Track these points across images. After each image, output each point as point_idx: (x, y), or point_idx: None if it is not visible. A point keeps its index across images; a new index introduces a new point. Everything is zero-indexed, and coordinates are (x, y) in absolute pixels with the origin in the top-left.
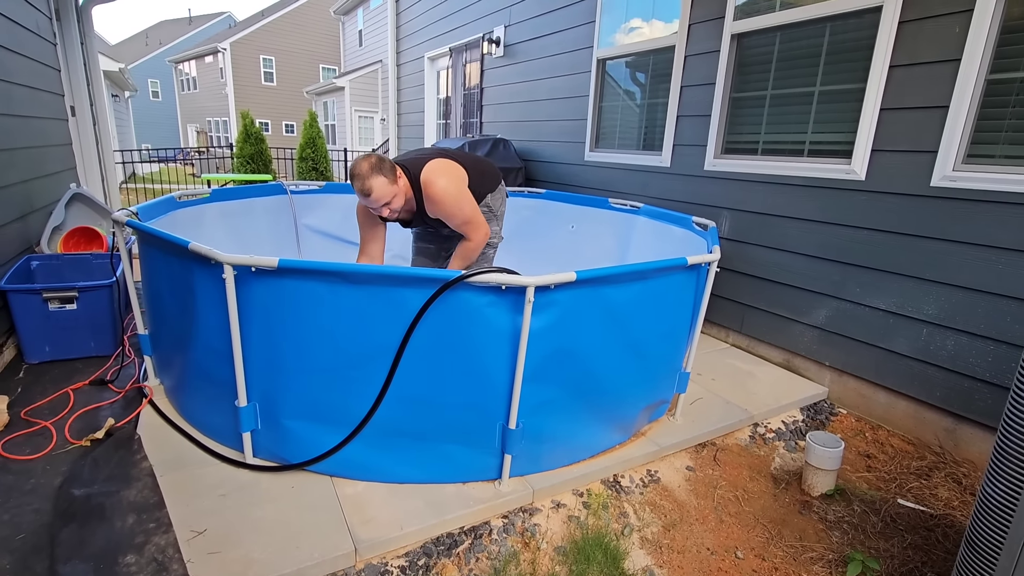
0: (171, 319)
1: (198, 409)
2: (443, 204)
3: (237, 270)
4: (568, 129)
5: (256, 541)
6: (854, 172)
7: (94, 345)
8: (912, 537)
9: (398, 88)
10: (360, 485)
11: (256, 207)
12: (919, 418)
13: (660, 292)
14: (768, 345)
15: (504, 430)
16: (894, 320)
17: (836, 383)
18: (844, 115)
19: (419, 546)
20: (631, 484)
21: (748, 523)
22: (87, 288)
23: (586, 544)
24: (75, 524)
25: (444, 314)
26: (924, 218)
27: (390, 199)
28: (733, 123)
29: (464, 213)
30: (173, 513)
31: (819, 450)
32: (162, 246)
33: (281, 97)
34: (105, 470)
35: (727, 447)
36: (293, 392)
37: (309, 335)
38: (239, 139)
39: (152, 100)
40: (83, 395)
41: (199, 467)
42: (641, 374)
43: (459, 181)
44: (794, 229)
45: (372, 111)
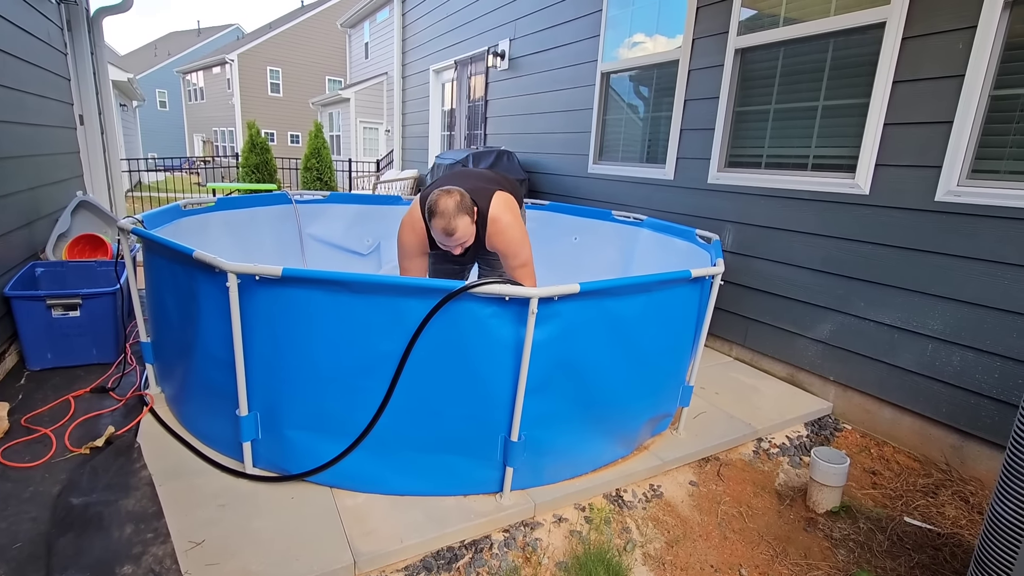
0: (174, 327)
1: (199, 418)
2: (510, 244)
3: (241, 279)
4: (572, 141)
5: (254, 553)
6: (858, 186)
7: (96, 352)
8: (919, 556)
9: (403, 100)
10: (360, 497)
11: (260, 216)
12: (925, 434)
13: (664, 305)
14: (772, 359)
15: (506, 442)
16: (899, 335)
17: (841, 398)
18: (848, 130)
19: (419, 560)
20: (634, 499)
21: (752, 540)
22: (91, 295)
23: (588, 560)
24: (72, 533)
25: (447, 325)
26: (929, 233)
27: (469, 239)
28: (737, 137)
29: (523, 256)
30: (172, 523)
31: (824, 466)
32: (166, 254)
33: (287, 108)
34: (104, 479)
35: (731, 462)
36: (294, 402)
37: (312, 345)
38: (245, 149)
39: (159, 110)
40: (84, 402)
41: (199, 476)
42: (644, 387)
43: (520, 220)
44: (798, 243)
45: (377, 122)
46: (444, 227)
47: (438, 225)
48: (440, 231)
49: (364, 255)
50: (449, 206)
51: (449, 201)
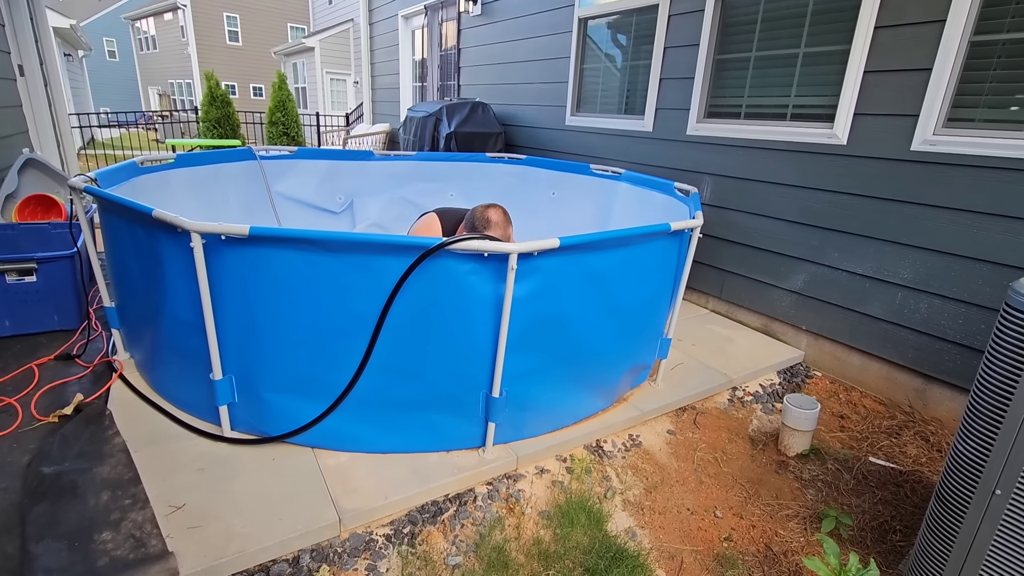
0: (138, 291)
1: (172, 383)
2: None
3: (206, 238)
4: (549, 92)
5: (237, 514)
6: (836, 136)
7: (58, 319)
8: (882, 493)
9: (371, 49)
10: (343, 456)
11: (225, 173)
12: (891, 379)
13: (643, 258)
14: (747, 310)
15: (488, 398)
16: (870, 284)
17: (812, 346)
18: (828, 78)
19: (404, 514)
20: (613, 449)
21: (727, 483)
22: (47, 259)
23: (570, 508)
24: (46, 502)
25: (425, 282)
26: (903, 183)
27: None
28: (717, 86)
29: None
30: (149, 489)
31: (796, 412)
32: (124, 214)
33: (247, 58)
34: (76, 447)
35: (707, 410)
36: (271, 364)
37: (285, 306)
38: (204, 102)
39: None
40: (48, 370)
41: (175, 442)
42: (624, 341)
43: None
44: (775, 194)
45: (345, 73)
46: (502, 236)
47: (497, 235)
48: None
49: (337, 213)
50: (502, 217)
51: (500, 212)
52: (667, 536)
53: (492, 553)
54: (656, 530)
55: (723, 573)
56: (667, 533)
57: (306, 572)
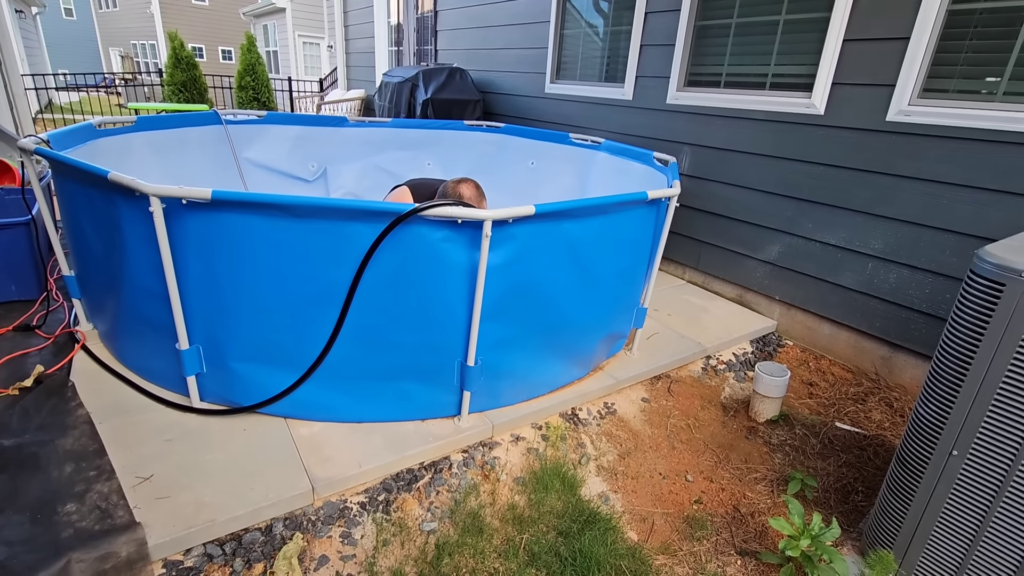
0: (98, 259)
1: (137, 353)
2: None
3: (166, 203)
4: (528, 59)
5: (207, 485)
6: (814, 106)
7: (15, 289)
8: (847, 456)
9: (344, 11)
10: (316, 426)
11: (190, 138)
12: (859, 347)
13: (620, 227)
14: (723, 281)
15: (463, 367)
16: (842, 255)
17: (785, 316)
18: (808, 46)
19: (379, 482)
20: (588, 416)
21: (698, 449)
22: (0, 227)
23: (544, 474)
24: (6, 475)
25: (398, 250)
26: (877, 153)
27: None
28: (697, 53)
29: None
30: (115, 460)
31: (766, 379)
32: (79, 177)
33: (215, 18)
34: (36, 419)
35: (681, 379)
36: (239, 334)
37: (252, 273)
38: (168, 64)
39: (66, 19)
40: (7, 342)
41: (141, 413)
42: (599, 310)
43: None
44: (752, 165)
45: (318, 37)
46: None
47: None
48: None
49: (310, 181)
50: (474, 192)
51: (472, 186)
52: (639, 500)
53: (467, 519)
54: (628, 494)
55: (692, 534)
56: (639, 497)
57: (279, 540)
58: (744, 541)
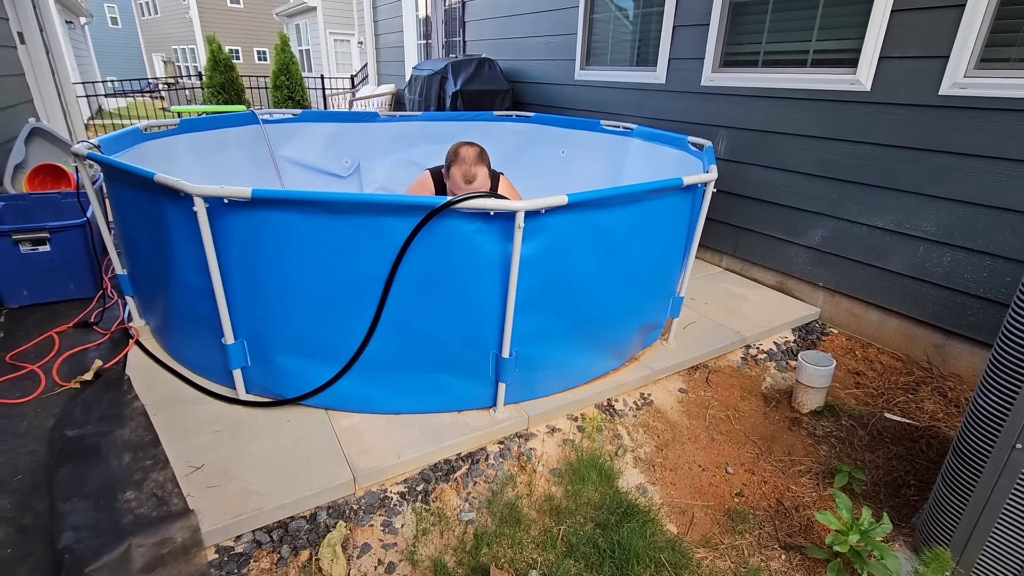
0: (148, 258)
1: (186, 348)
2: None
3: (209, 202)
4: (557, 46)
5: (255, 474)
6: (859, 82)
7: (74, 287)
8: (897, 448)
9: (374, 6)
10: (356, 417)
11: (229, 138)
12: (909, 335)
13: (655, 215)
14: (762, 268)
15: (498, 359)
16: (891, 238)
17: (828, 303)
18: (852, 19)
19: (417, 473)
20: (625, 408)
21: (739, 440)
22: (58, 228)
23: (581, 465)
24: (71, 464)
25: (432, 243)
26: (929, 130)
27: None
28: (733, 32)
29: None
30: (169, 450)
31: (810, 368)
32: (128, 179)
33: (250, 20)
34: (97, 411)
35: (719, 369)
36: (281, 328)
37: (293, 269)
38: (207, 67)
39: (112, 28)
40: (68, 338)
41: (192, 405)
42: (635, 300)
43: None
44: (793, 146)
45: (348, 34)
46: (464, 173)
47: (459, 171)
48: (460, 177)
49: (344, 177)
50: (471, 154)
51: (471, 150)
52: (678, 492)
53: (504, 509)
54: (667, 486)
55: (734, 527)
56: (678, 489)
57: (323, 528)
58: (788, 535)
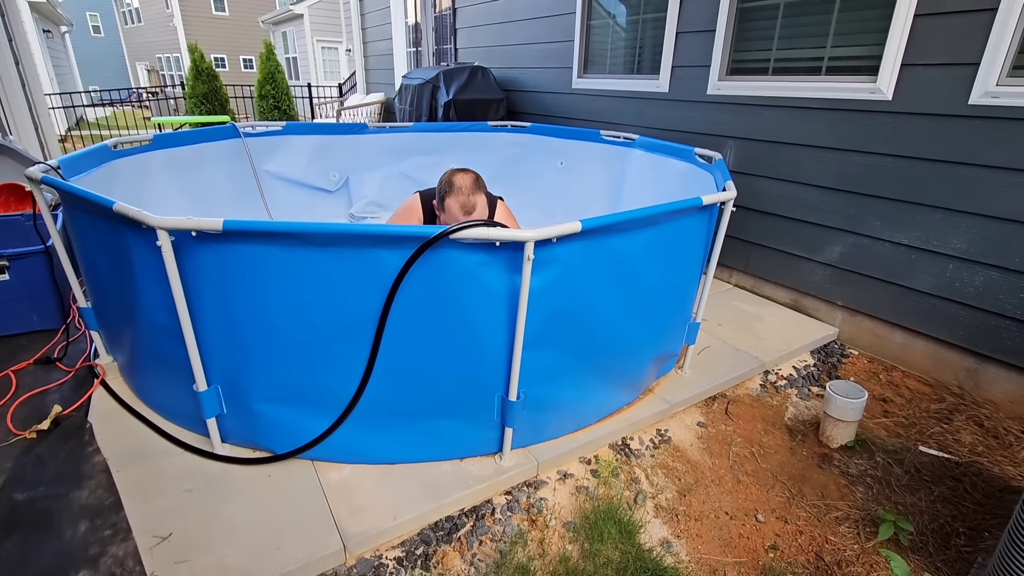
0: (112, 292)
1: (156, 391)
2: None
3: (175, 235)
4: (554, 53)
5: (230, 544)
6: (879, 91)
7: (37, 319)
8: (939, 489)
9: (361, 13)
10: (346, 469)
11: (209, 154)
12: (938, 358)
13: (671, 238)
14: (775, 285)
15: (504, 402)
16: (916, 256)
17: (848, 323)
18: (871, 24)
19: (416, 534)
20: (641, 446)
21: (766, 482)
22: (18, 255)
23: (597, 518)
24: (18, 536)
25: (430, 277)
26: (958, 141)
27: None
28: (741, 39)
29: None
30: (132, 516)
31: (841, 401)
32: (86, 207)
33: (235, 28)
34: (52, 467)
35: (738, 398)
36: (261, 372)
37: (272, 308)
38: (189, 76)
39: (94, 36)
40: (28, 376)
41: (160, 459)
42: (651, 329)
43: None
44: (808, 158)
45: (336, 41)
46: (463, 204)
47: (456, 202)
48: (458, 208)
49: (332, 192)
50: (467, 182)
51: (466, 177)
52: (706, 546)
53: (515, 574)
54: (693, 539)
55: None
56: (706, 543)
57: None
58: None
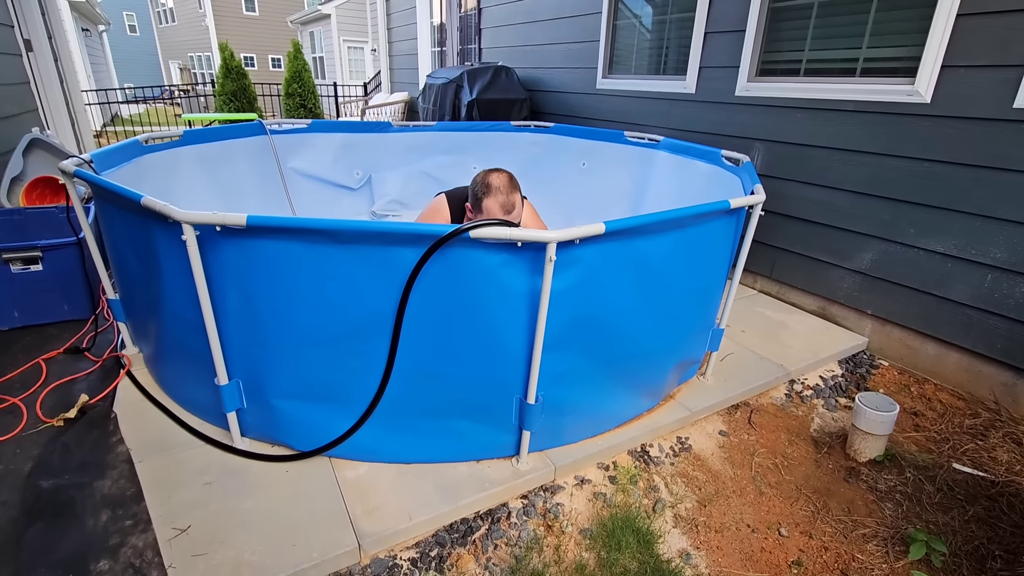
0: (138, 284)
1: (178, 383)
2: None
3: (199, 230)
4: (578, 53)
5: (246, 539)
6: (917, 93)
7: (68, 308)
8: (974, 508)
9: (387, 13)
10: (362, 467)
11: (236, 150)
12: (973, 372)
13: (697, 241)
14: (801, 292)
15: (522, 405)
16: (953, 264)
17: (878, 333)
18: (909, 24)
19: (431, 535)
20: (660, 454)
21: (790, 494)
22: (51, 247)
23: (615, 526)
24: (42, 523)
25: (451, 276)
26: (1001, 146)
27: (519, 219)
28: (772, 39)
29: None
30: (152, 507)
31: (871, 414)
32: (115, 200)
33: (265, 28)
34: (77, 456)
35: (762, 407)
36: (280, 368)
37: (293, 304)
38: (219, 75)
39: (130, 35)
40: (57, 365)
41: (182, 450)
42: (674, 335)
43: None
44: (839, 162)
45: (362, 41)
46: (503, 203)
47: (495, 202)
48: (499, 208)
49: (355, 189)
50: (504, 182)
51: (502, 177)
52: (726, 559)
53: None
54: (713, 551)
55: None
56: (726, 556)
57: None
58: None
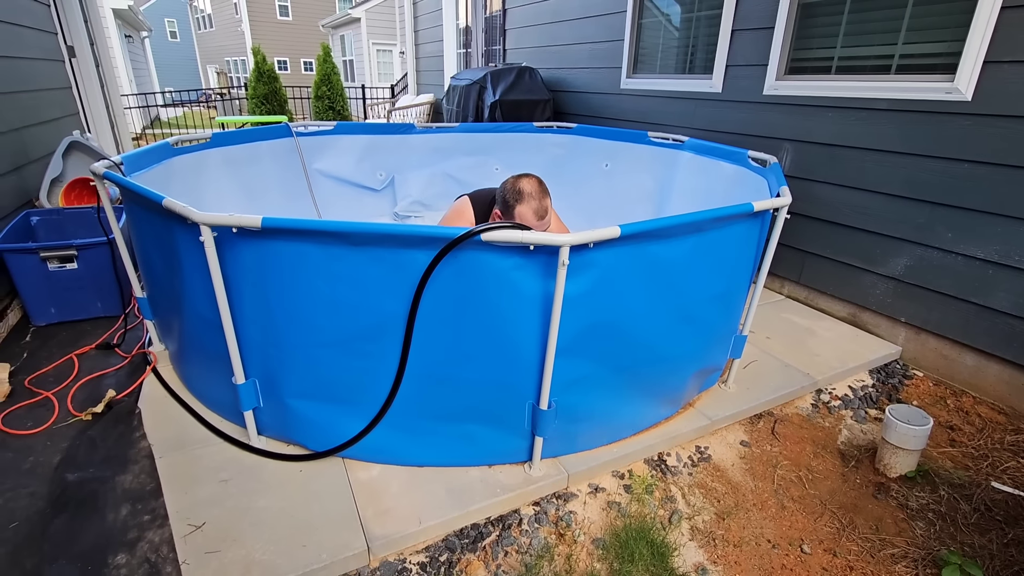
0: (162, 283)
1: (199, 380)
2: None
3: (217, 231)
4: (602, 53)
5: (258, 538)
6: (957, 91)
7: (101, 306)
8: (1014, 531)
9: (415, 15)
10: (375, 469)
11: (263, 152)
12: (1015, 384)
13: (718, 245)
14: (831, 297)
15: (535, 410)
16: (995, 271)
17: (912, 342)
18: (949, 18)
19: (441, 540)
20: (678, 463)
21: (814, 510)
22: (86, 246)
23: (628, 536)
24: (67, 515)
25: (463, 280)
26: None
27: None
28: (802, 36)
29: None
30: (170, 503)
31: (903, 428)
32: (141, 202)
33: (298, 32)
34: (102, 450)
35: (786, 417)
36: (295, 368)
37: (307, 305)
38: (252, 78)
39: (171, 41)
40: (88, 361)
41: (200, 447)
42: (693, 342)
43: None
44: (872, 163)
45: (391, 44)
46: (536, 209)
47: (529, 208)
48: (533, 214)
49: (378, 190)
50: (535, 187)
51: (533, 183)
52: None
53: None
54: (731, 567)
55: None
56: (745, 572)
57: None
58: None
